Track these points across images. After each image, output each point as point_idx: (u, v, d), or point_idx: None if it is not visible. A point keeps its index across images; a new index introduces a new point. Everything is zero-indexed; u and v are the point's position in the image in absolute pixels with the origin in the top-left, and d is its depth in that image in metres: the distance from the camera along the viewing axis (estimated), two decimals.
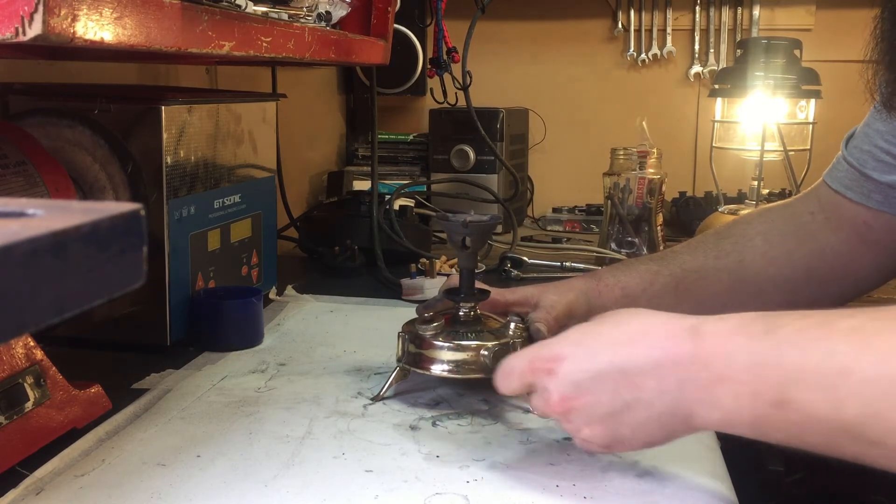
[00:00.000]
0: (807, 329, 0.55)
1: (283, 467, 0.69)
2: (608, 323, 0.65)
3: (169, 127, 0.96)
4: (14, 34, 0.48)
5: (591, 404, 0.62)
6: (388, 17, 1.17)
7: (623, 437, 0.63)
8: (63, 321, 0.29)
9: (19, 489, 0.64)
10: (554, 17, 2.03)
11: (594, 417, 0.62)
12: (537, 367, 0.65)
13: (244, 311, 1.01)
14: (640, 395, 0.60)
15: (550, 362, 0.64)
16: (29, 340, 0.73)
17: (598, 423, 0.62)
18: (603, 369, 0.62)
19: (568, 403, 0.63)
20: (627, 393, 0.61)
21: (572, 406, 0.63)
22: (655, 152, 1.44)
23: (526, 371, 0.66)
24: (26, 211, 0.31)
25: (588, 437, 0.64)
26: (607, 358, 0.62)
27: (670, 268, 0.93)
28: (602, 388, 0.61)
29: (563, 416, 0.64)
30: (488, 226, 0.81)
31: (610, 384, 0.61)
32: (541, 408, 0.66)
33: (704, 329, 0.59)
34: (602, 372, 0.62)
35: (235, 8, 0.74)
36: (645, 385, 0.60)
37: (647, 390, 0.60)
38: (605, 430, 0.62)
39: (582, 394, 0.62)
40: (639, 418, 0.61)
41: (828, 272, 0.93)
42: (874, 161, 0.88)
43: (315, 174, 1.91)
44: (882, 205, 0.89)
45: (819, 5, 1.92)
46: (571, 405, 0.63)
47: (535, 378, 0.65)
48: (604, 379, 0.61)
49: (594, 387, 0.62)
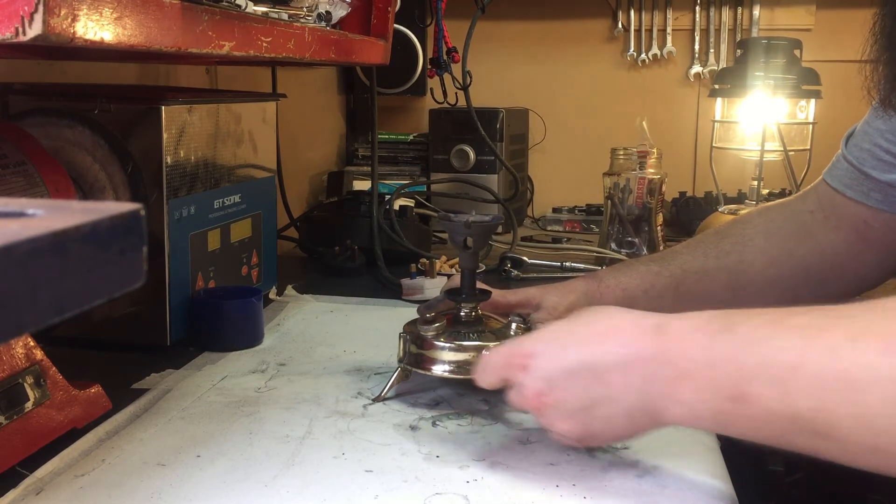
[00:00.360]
0: (761, 326, 0.57)
1: (283, 467, 0.69)
2: (580, 321, 0.67)
3: (169, 127, 0.96)
4: (14, 34, 0.48)
5: (563, 400, 0.64)
6: (388, 17, 1.17)
7: (595, 431, 0.65)
8: (63, 321, 0.29)
9: (19, 489, 0.64)
10: (554, 17, 2.03)
11: (566, 412, 0.64)
12: (512, 362, 0.67)
13: (244, 311, 1.01)
14: (608, 391, 0.62)
15: (524, 358, 0.66)
16: (29, 340, 0.73)
17: (571, 418, 0.64)
18: (573, 366, 0.64)
19: (541, 399, 0.65)
20: (597, 389, 0.62)
21: (545, 402, 0.65)
22: (655, 152, 1.44)
23: (502, 366, 0.68)
24: (26, 211, 0.31)
25: (562, 432, 0.66)
26: (577, 355, 0.64)
27: (671, 268, 0.94)
28: (573, 384, 0.64)
29: (538, 411, 0.66)
30: (490, 226, 0.81)
31: (580, 380, 0.63)
32: (517, 402, 0.68)
33: (668, 327, 0.61)
34: (572, 369, 0.64)
35: (235, 8, 0.74)
36: (613, 381, 0.62)
37: (615, 386, 0.62)
38: (578, 425, 0.64)
39: (554, 390, 0.64)
40: (608, 413, 0.63)
41: (828, 271, 0.93)
42: (874, 160, 0.88)
43: (315, 174, 1.91)
44: (881, 203, 0.89)
45: (819, 5, 1.92)
46: (544, 401, 0.65)
47: (509, 373, 0.67)
48: (574, 375, 0.63)
49: (565, 383, 0.64)
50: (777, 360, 0.54)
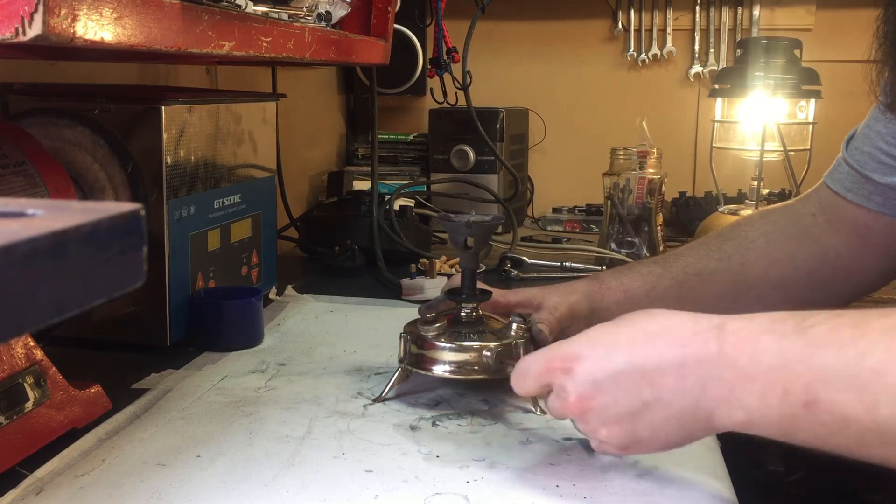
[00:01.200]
0: (840, 328, 0.54)
1: (283, 467, 0.69)
2: (626, 322, 0.64)
3: (169, 127, 0.96)
4: (14, 34, 0.48)
5: (609, 404, 0.61)
6: (388, 17, 1.17)
7: (641, 438, 0.61)
8: (63, 321, 0.29)
9: (19, 489, 0.64)
10: (554, 17, 2.03)
11: (611, 417, 0.61)
12: (554, 366, 0.64)
13: (244, 311, 1.01)
14: (659, 395, 0.59)
15: (567, 361, 0.63)
16: (29, 340, 0.73)
17: (616, 424, 0.61)
18: (622, 368, 0.60)
19: (585, 403, 0.62)
20: (646, 391, 0.59)
21: (589, 406, 0.62)
22: (655, 152, 1.44)
23: (542, 371, 0.65)
24: (26, 211, 0.31)
25: (605, 438, 0.63)
26: (627, 356, 0.61)
27: (673, 270, 0.94)
28: (620, 387, 0.60)
29: (581, 417, 0.63)
30: (491, 226, 0.81)
31: (629, 383, 0.60)
32: (558, 409, 0.65)
33: (731, 327, 0.58)
34: (621, 371, 0.60)
35: (235, 8, 0.74)
36: (665, 384, 0.59)
37: (667, 389, 0.59)
38: (623, 431, 0.61)
39: (599, 393, 0.61)
40: (658, 418, 0.60)
41: (829, 274, 0.93)
42: (875, 163, 0.88)
43: (315, 174, 1.91)
44: (882, 207, 0.89)
45: (819, 5, 1.92)
46: (589, 405, 0.62)
47: (551, 378, 0.64)
48: (622, 378, 0.60)
49: (612, 386, 0.61)
50: (858, 364, 0.51)
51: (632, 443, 0.62)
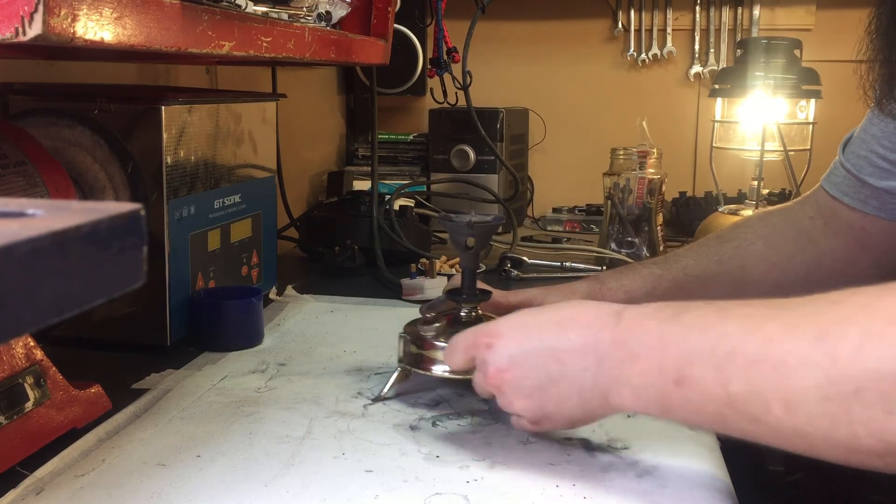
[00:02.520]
0: (707, 315, 0.60)
1: (283, 467, 0.69)
2: (547, 309, 0.70)
3: (169, 127, 0.96)
4: (14, 34, 0.48)
5: (521, 377, 0.67)
6: (388, 17, 1.17)
7: (548, 411, 0.67)
8: (63, 321, 0.29)
9: (19, 489, 0.64)
10: (554, 17, 2.03)
11: (523, 390, 0.67)
12: (479, 341, 0.70)
13: (244, 311, 1.01)
14: (564, 370, 0.65)
15: (490, 337, 0.69)
16: (29, 340, 0.73)
17: (527, 397, 0.67)
18: (534, 346, 0.66)
19: (501, 376, 0.68)
20: (554, 367, 0.65)
21: (505, 378, 0.67)
22: (655, 152, 1.44)
23: (469, 345, 0.71)
24: (26, 211, 0.31)
25: (519, 411, 0.68)
26: (539, 336, 0.67)
27: (673, 272, 0.94)
28: (532, 362, 0.66)
29: (498, 389, 0.68)
30: (492, 226, 0.81)
31: (539, 359, 0.66)
32: (479, 382, 0.70)
33: (626, 314, 0.64)
34: (533, 348, 0.66)
35: (235, 8, 0.74)
36: (569, 361, 0.65)
37: (571, 365, 0.64)
38: (533, 404, 0.67)
39: (514, 367, 0.67)
40: (562, 393, 0.65)
41: (827, 277, 0.93)
42: (871, 167, 0.88)
43: (315, 174, 1.91)
44: (879, 210, 0.89)
45: (819, 5, 1.92)
46: (504, 377, 0.67)
47: (476, 352, 0.70)
48: (534, 354, 0.66)
49: (525, 361, 0.67)
50: (717, 345, 0.56)
51: (541, 417, 0.68)
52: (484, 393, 0.71)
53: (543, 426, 0.69)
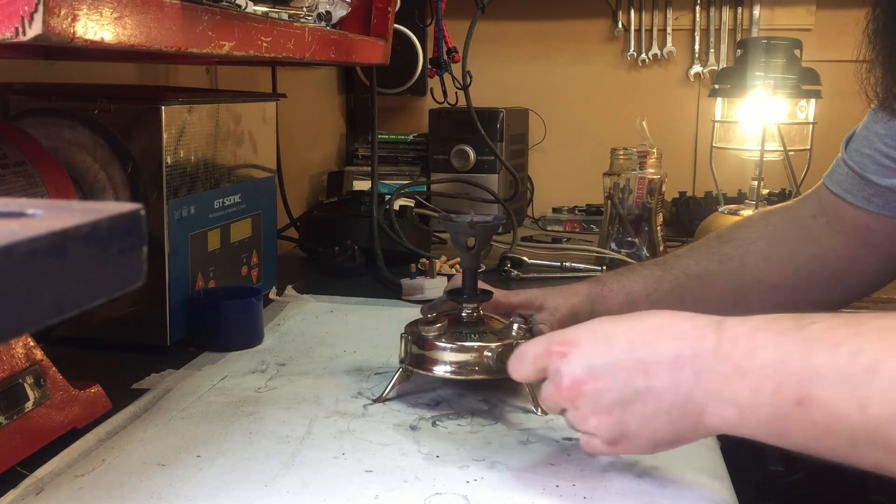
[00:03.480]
0: (835, 327, 0.53)
1: (283, 467, 0.69)
2: (629, 317, 0.63)
3: (169, 127, 0.96)
4: (14, 34, 0.48)
5: (601, 390, 0.60)
6: (388, 17, 1.17)
7: (629, 430, 0.60)
8: (63, 321, 0.29)
9: (19, 489, 0.64)
10: (554, 17, 2.03)
11: (602, 405, 0.60)
12: (553, 350, 0.64)
13: (244, 311, 1.01)
14: (652, 384, 0.58)
15: (566, 346, 0.63)
16: (29, 340, 0.73)
17: (606, 413, 0.60)
18: (618, 356, 0.60)
19: (578, 388, 0.61)
20: (640, 381, 0.59)
21: (582, 391, 0.61)
22: (655, 152, 1.44)
23: (541, 354, 0.65)
24: (26, 211, 0.31)
25: (594, 429, 0.62)
26: (625, 345, 0.60)
27: (674, 272, 0.94)
28: (615, 374, 0.60)
29: (571, 403, 0.62)
30: (493, 227, 0.81)
31: (623, 371, 0.59)
32: (551, 394, 0.64)
33: (729, 324, 0.58)
34: (617, 358, 0.60)
35: (235, 8, 0.74)
36: (660, 374, 0.58)
37: (660, 379, 0.58)
38: (613, 421, 0.60)
39: (593, 378, 0.60)
40: (648, 410, 0.59)
41: (830, 275, 0.93)
42: (874, 165, 0.88)
43: (315, 174, 1.91)
44: (882, 208, 0.89)
45: (819, 5, 1.92)
46: (581, 389, 0.61)
47: (548, 361, 0.64)
48: (618, 365, 0.60)
49: (607, 372, 0.60)
50: (852, 362, 0.50)
51: (620, 436, 0.61)
52: (554, 408, 0.65)
53: (621, 448, 0.62)
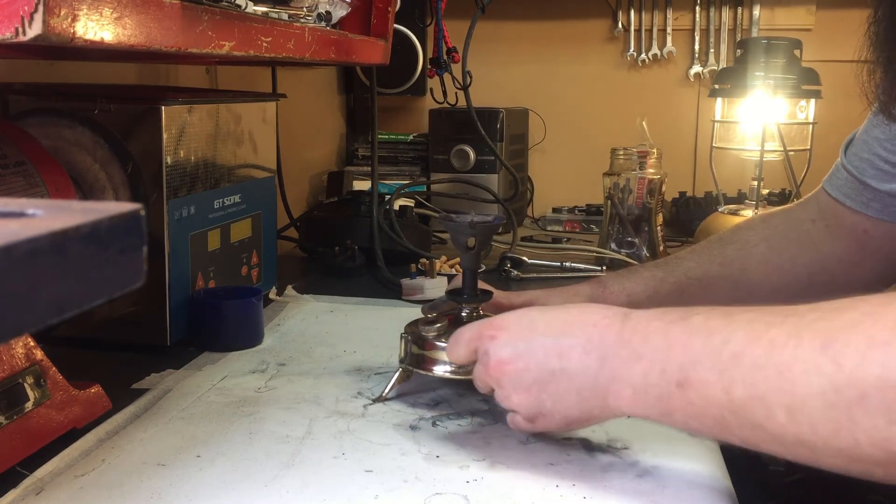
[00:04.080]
0: (713, 318, 0.59)
1: (283, 467, 0.69)
2: (556, 307, 0.70)
3: (169, 127, 0.96)
4: (14, 34, 0.48)
5: (522, 370, 0.66)
6: (388, 17, 1.17)
7: (545, 408, 0.66)
8: (63, 321, 0.29)
9: (19, 489, 0.64)
10: (554, 17, 2.03)
11: (523, 384, 0.66)
12: (483, 333, 0.70)
13: (244, 311, 1.01)
14: (565, 365, 0.64)
15: (495, 329, 0.69)
16: (29, 340, 0.73)
17: (525, 391, 0.66)
18: (538, 339, 0.66)
19: (502, 367, 0.67)
20: (555, 363, 0.65)
21: (505, 370, 0.67)
22: (655, 152, 1.44)
23: (473, 337, 0.71)
24: (26, 211, 0.31)
25: (515, 406, 0.67)
26: (545, 330, 0.67)
27: (675, 275, 0.94)
28: (534, 355, 0.66)
29: (497, 381, 0.68)
30: (493, 227, 0.81)
31: (541, 353, 0.66)
32: (480, 374, 0.70)
33: (633, 315, 0.64)
34: (537, 342, 0.66)
35: (235, 8, 0.74)
36: (572, 356, 0.64)
37: (572, 361, 0.64)
38: (531, 399, 0.66)
39: (515, 359, 0.67)
40: (561, 389, 0.65)
41: (829, 280, 0.93)
42: (873, 169, 0.88)
43: (315, 174, 1.91)
44: (881, 213, 0.89)
45: (819, 5, 1.92)
46: (505, 369, 0.67)
47: (479, 343, 0.70)
48: (537, 347, 0.66)
49: (527, 353, 0.66)
50: (722, 349, 0.56)
51: (537, 413, 0.67)
52: (483, 387, 0.71)
53: (539, 424, 0.68)
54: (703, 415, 0.58)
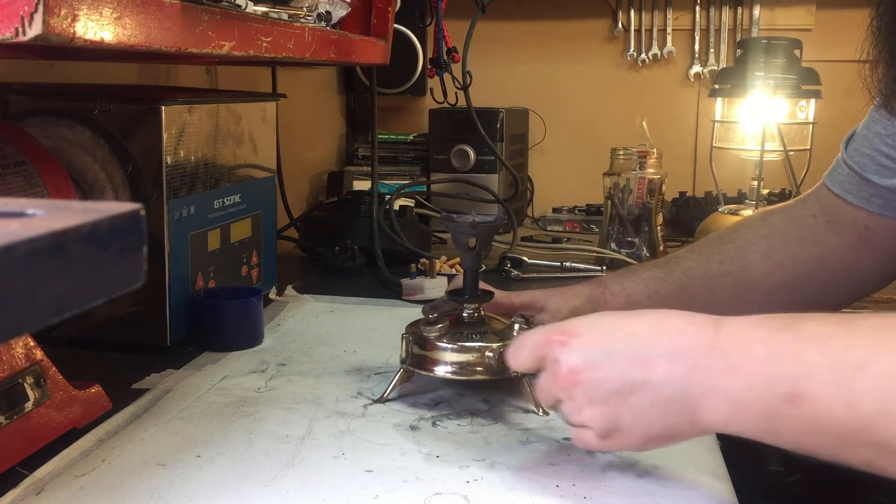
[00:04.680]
0: (828, 325, 0.54)
1: (283, 467, 0.69)
2: (631, 313, 0.64)
3: (169, 127, 0.96)
4: (14, 34, 0.48)
5: (598, 380, 0.60)
6: (388, 17, 1.17)
7: (623, 423, 0.60)
8: (63, 321, 0.29)
9: (19, 489, 0.64)
10: (554, 17, 2.03)
11: (598, 395, 0.60)
12: (553, 339, 0.64)
13: (244, 311, 1.01)
14: (649, 377, 0.58)
15: (566, 335, 0.63)
16: (29, 340, 0.73)
17: (602, 403, 0.60)
18: (618, 346, 0.60)
19: (575, 376, 0.61)
20: (638, 373, 0.59)
21: (579, 380, 0.61)
22: (655, 152, 1.44)
23: (540, 343, 0.64)
24: (26, 211, 0.31)
25: (587, 420, 0.61)
26: (625, 337, 0.61)
27: (675, 274, 0.94)
28: (613, 364, 0.60)
29: (567, 392, 0.62)
30: (495, 227, 0.81)
31: (621, 362, 0.59)
32: (547, 383, 0.64)
33: (727, 322, 0.59)
34: (616, 349, 0.60)
35: (235, 8, 0.74)
36: (657, 367, 0.58)
37: (658, 372, 0.58)
38: (607, 412, 0.60)
39: (591, 368, 0.60)
40: (643, 403, 0.59)
41: (830, 276, 0.93)
42: (874, 165, 0.88)
43: (315, 174, 1.91)
44: (883, 208, 0.88)
45: (819, 5, 1.92)
46: (578, 378, 0.61)
47: (547, 350, 0.64)
48: (617, 356, 0.60)
49: (605, 362, 0.60)
50: (843, 359, 0.51)
51: (613, 429, 0.61)
52: (549, 398, 0.65)
53: (613, 442, 0.62)
54: (820, 432, 0.52)
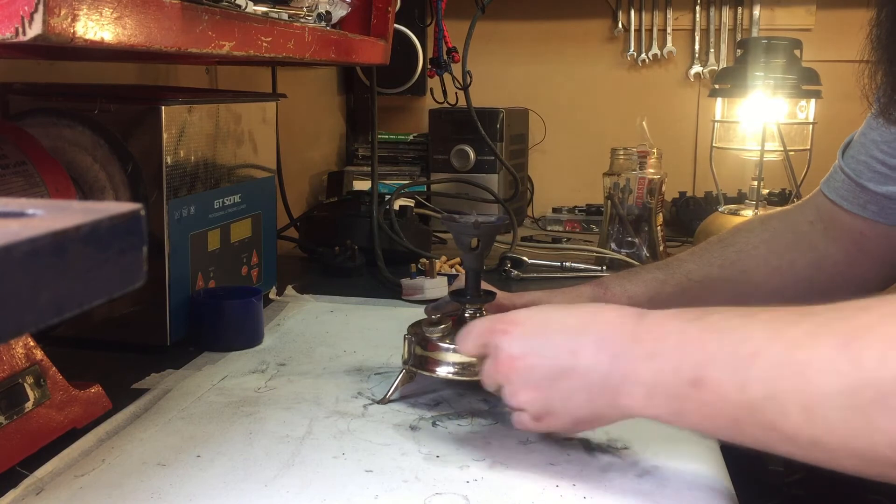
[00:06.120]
0: (731, 318, 0.59)
1: (283, 467, 0.69)
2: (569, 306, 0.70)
3: (169, 127, 0.96)
4: (14, 34, 0.48)
5: (533, 367, 0.65)
6: (388, 17, 1.17)
7: (554, 406, 0.65)
8: (63, 321, 0.29)
9: (19, 489, 0.64)
10: (554, 17, 2.03)
11: (532, 381, 0.65)
12: (495, 327, 0.69)
13: (244, 311, 1.01)
14: (576, 364, 0.63)
15: (507, 324, 0.68)
16: (29, 340, 0.73)
17: (535, 388, 0.65)
18: (552, 336, 0.66)
19: (513, 363, 0.66)
20: (567, 360, 0.64)
21: (516, 366, 0.66)
22: (655, 152, 1.44)
23: (484, 331, 0.70)
24: (26, 211, 0.31)
25: (524, 403, 0.66)
26: (557, 327, 0.66)
27: (676, 277, 0.94)
28: (546, 351, 0.65)
29: (506, 377, 0.67)
30: (497, 227, 0.81)
31: (553, 348, 0.65)
32: (489, 370, 0.68)
33: (649, 314, 0.63)
34: (550, 338, 0.66)
35: (235, 8, 0.74)
36: (584, 354, 0.63)
37: (584, 358, 0.63)
38: (539, 396, 0.65)
39: (527, 355, 0.66)
40: (571, 387, 0.64)
41: (827, 282, 0.93)
42: (870, 172, 0.88)
43: (315, 174, 1.91)
44: (878, 215, 0.89)
45: (819, 5, 1.92)
46: (515, 365, 0.66)
47: (491, 338, 0.68)
48: (550, 343, 0.65)
49: (539, 349, 0.65)
50: (739, 348, 0.56)
51: (545, 412, 0.66)
52: (491, 383, 0.69)
53: (546, 423, 0.67)
54: (717, 415, 0.57)
